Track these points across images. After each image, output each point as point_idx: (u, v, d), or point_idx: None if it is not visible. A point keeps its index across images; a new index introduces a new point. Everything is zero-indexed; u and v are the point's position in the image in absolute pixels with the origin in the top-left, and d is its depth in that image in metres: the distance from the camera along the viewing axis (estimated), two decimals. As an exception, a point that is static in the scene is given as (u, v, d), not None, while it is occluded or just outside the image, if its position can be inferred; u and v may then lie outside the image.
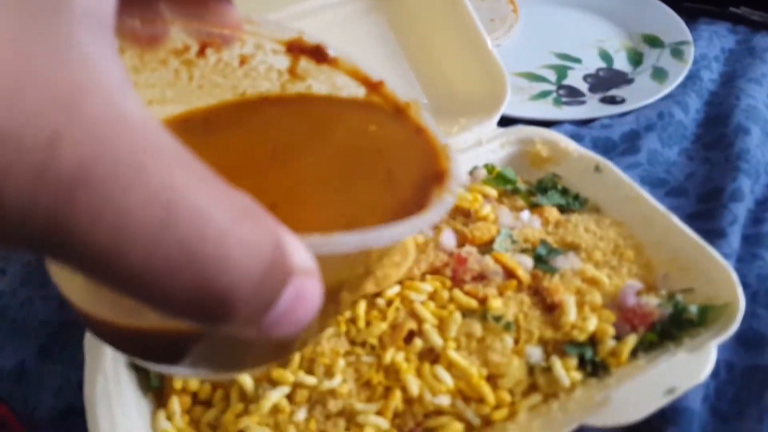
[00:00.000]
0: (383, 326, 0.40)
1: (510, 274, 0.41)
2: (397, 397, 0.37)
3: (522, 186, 0.49)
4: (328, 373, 0.39)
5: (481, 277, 0.42)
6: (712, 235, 0.46)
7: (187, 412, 0.40)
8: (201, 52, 0.27)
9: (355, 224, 0.20)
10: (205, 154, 0.15)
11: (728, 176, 0.50)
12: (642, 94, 0.62)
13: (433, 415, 0.38)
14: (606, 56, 0.70)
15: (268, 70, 0.29)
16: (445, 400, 0.37)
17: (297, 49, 0.29)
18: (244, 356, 0.24)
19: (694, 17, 0.73)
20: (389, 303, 0.41)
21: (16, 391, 0.47)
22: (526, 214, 0.45)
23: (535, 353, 0.38)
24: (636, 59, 0.69)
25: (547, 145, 0.50)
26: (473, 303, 0.40)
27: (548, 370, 0.38)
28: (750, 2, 0.72)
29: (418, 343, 0.39)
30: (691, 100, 0.60)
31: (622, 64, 0.69)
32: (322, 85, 0.29)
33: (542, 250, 0.42)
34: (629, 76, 0.67)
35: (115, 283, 0.14)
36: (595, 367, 0.38)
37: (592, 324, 0.38)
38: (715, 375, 0.40)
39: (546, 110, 0.62)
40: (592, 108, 0.61)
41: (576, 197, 0.47)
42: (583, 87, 0.66)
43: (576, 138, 0.53)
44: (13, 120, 0.12)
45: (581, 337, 0.38)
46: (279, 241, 0.15)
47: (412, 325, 0.40)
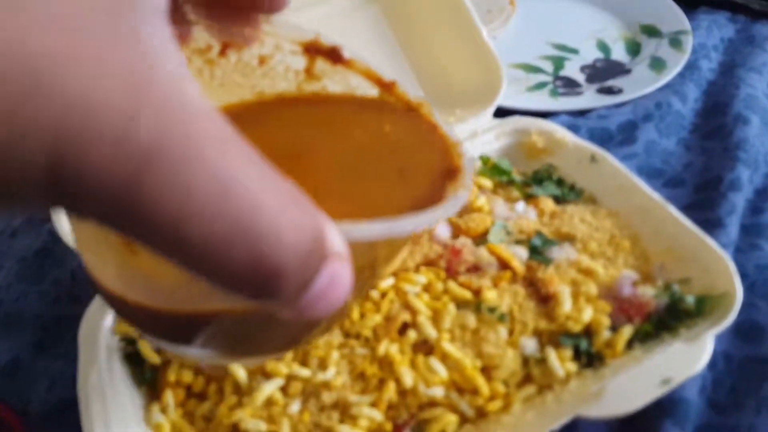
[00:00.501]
0: (377, 318, 0.40)
1: (504, 265, 0.41)
2: (390, 388, 0.37)
3: (517, 177, 0.48)
4: (322, 365, 0.38)
5: (475, 269, 0.41)
6: (710, 225, 0.45)
7: (181, 405, 0.40)
8: (222, 52, 0.28)
9: (374, 217, 0.21)
10: None
11: (727, 166, 0.50)
12: (639, 84, 0.61)
13: (427, 406, 0.38)
14: (603, 47, 0.70)
15: (286, 70, 0.30)
16: (439, 391, 0.37)
17: (314, 50, 0.30)
18: (269, 341, 0.25)
19: (693, 6, 0.72)
20: (383, 295, 0.41)
21: (10, 385, 0.47)
22: (521, 205, 0.45)
23: (530, 344, 0.38)
24: (634, 49, 0.69)
25: (543, 136, 0.50)
26: (467, 294, 0.40)
27: (543, 361, 0.37)
28: (749, -9, 0.71)
29: (412, 334, 0.39)
30: (689, 89, 0.60)
31: (619, 54, 0.68)
32: (336, 85, 0.31)
33: (537, 241, 0.42)
34: (627, 67, 0.66)
35: (176, 254, 0.15)
36: (590, 359, 0.37)
37: (588, 315, 0.38)
38: (713, 366, 0.39)
39: (542, 101, 0.61)
40: (589, 99, 0.61)
41: (572, 188, 0.47)
42: (580, 78, 0.65)
43: (572, 129, 0.52)
44: (97, 98, 0.13)
45: (576, 328, 0.38)
46: (319, 225, 0.16)
47: (406, 317, 0.40)
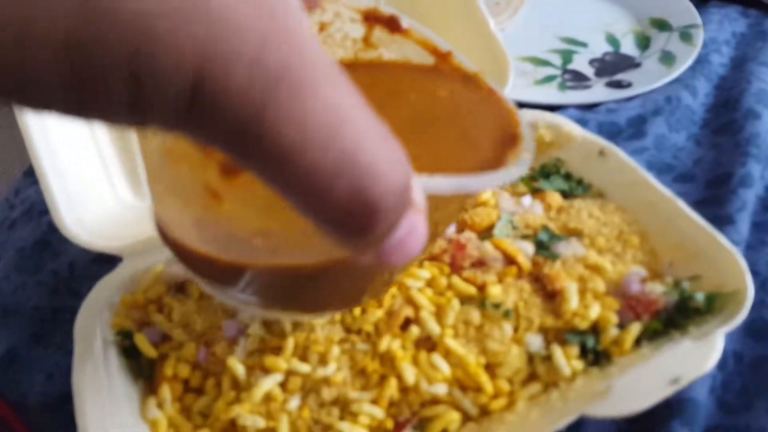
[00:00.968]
0: (379, 313, 0.39)
1: (510, 260, 0.40)
2: (392, 385, 0.36)
3: (524, 171, 0.47)
4: (322, 361, 0.38)
5: (480, 264, 0.40)
6: (720, 221, 0.44)
7: (178, 400, 0.39)
8: None
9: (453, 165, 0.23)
10: None
11: (737, 162, 0.49)
12: (649, 78, 0.60)
13: (429, 404, 0.37)
14: (613, 40, 0.68)
15: (344, 38, 0.30)
16: (441, 388, 0.36)
17: (373, 18, 0.30)
18: (329, 296, 0.26)
19: (704, 0, 0.71)
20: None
21: (7, 377, 0.46)
22: (527, 200, 0.44)
23: (535, 341, 0.37)
24: (644, 43, 0.67)
25: (551, 129, 0.49)
26: (472, 290, 0.39)
27: (548, 358, 0.36)
28: (762, -15, 0.70)
29: (414, 330, 0.38)
30: (699, 84, 0.59)
31: (629, 48, 0.67)
32: (392, 54, 0.31)
33: (543, 236, 0.41)
34: (636, 60, 0.65)
35: (285, 182, 0.15)
36: (597, 356, 0.36)
37: (595, 312, 0.37)
38: (723, 366, 0.39)
39: (551, 95, 0.60)
40: (598, 92, 0.60)
41: (579, 182, 0.46)
42: (589, 71, 0.64)
43: (581, 123, 0.51)
44: (236, 20, 0.14)
45: (583, 325, 0.37)
46: (409, 170, 0.17)
47: (408, 312, 0.39)
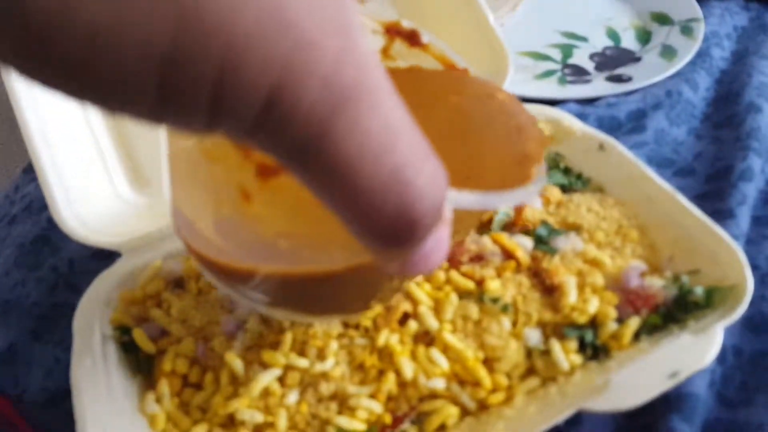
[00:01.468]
0: (377, 308, 0.39)
1: (509, 255, 0.40)
2: (390, 380, 0.36)
3: (523, 165, 0.47)
4: (321, 356, 0.38)
5: (478, 258, 0.40)
6: (721, 215, 0.44)
7: (176, 395, 0.39)
8: None
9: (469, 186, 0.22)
10: None
11: (738, 155, 0.49)
12: (649, 72, 0.60)
13: (427, 398, 0.37)
14: (613, 34, 0.68)
15: None
16: (440, 383, 0.36)
17: (394, 31, 0.31)
18: (339, 301, 0.27)
19: (705, -6, 0.71)
20: (384, 284, 0.40)
21: (7, 372, 0.46)
22: (526, 194, 0.44)
23: (534, 336, 0.37)
24: (644, 37, 0.67)
25: (551, 124, 0.49)
26: (470, 284, 0.39)
27: (547, 353, 0.36)
28: (763, -21, 0.69)
29: (412, 325, 0.38)
30: (700, 78, 0.58)
31: (629, 42, 0.67)
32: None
33: (543, 231, 0.41)
34: (637, 55, 0.65)
35: (338, 196, 0.16)
36: (595, 351, 0.36)
37: (594, 306, 0.37)
38: (722, 360, 0.38)
39: (550, 89, 0.60)
40: (598, 86, 0.60)
41: (579, 177, 0.46)
42: (589, 66, 0.64)
43: (581, 117, 0.51)
44: (316, 36, 0.14)
45: (582, 319, 0.37)
46: (446, 186, 0.17)
47: (406, 307, 0.39)
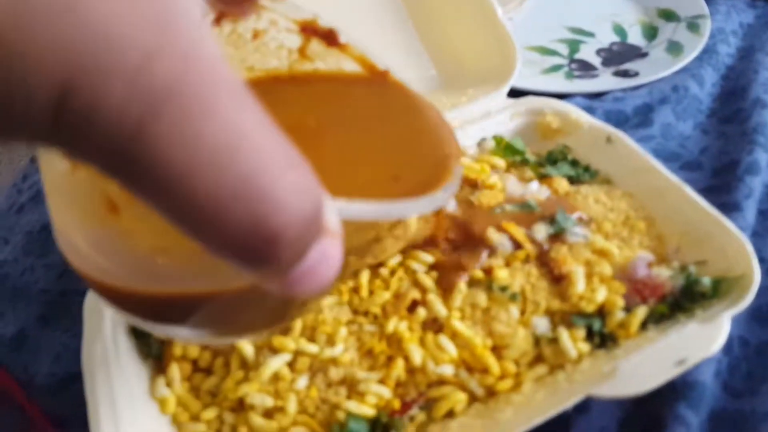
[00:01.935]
0: (386, 295, 0.39)
1: (517, 245, 0.40)
2: (399, 366, 0.37)
3: (531, 157, 0.47)
4: (330, 342, 0.38)
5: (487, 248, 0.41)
6: (727, 208, 0.44)
7: (186, 380, 0.39)
8: (217, 21, 0.27)
9: (378, 195, 0.21)
10: None
11: (744, 150, 0.49)
12: (656, 67, 0.60)
13: (435, 385, 0.37)
14: (620, 30, 0.68)
15: (279, 47, 0.29)
16: (448, 369, 0.37)
17: (310, 30, 0.29)
18: (249, 319, 0.24)
19: (712, -9, 0.71)
20: (392, 272, 0.40)
21: (16, 358, 0.46)
22: (534, 185, 0.44)
23: (542, 324, 0.37)
24: (651, 33, 0.67)
25: (558, 116, 0.49)
26: (479, 273, 0.39)
27: (555, 341, 0.37)
28: (770, -24, 0.70)
29: (421, 312, 0.38)
30: (707, 73, 0.59)
31: (636, 38, 0.67)
32: (328, 68, 0.30)
33: (561, 217, 0.41)
34: (643, 50, 0.65)
35: (175, 209, 0.14)
36: (603, 339, 0.37)
37: (601, 295, 0.37)
38: (728, 350, 0.39)
39: (557, 84, 0.60)
40: (605, 81, 0.60)
41: (586, 169, 0.46)
42: (596, 61, 0.64)
43: (588, 111, 0.51)
44: (119, 31, 0.13)
45: (589, 308, 0.37)
46: (320, 196, 0.16)
47: (415, 294, 0.39)
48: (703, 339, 0.33)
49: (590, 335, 0.37)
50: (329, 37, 0.29)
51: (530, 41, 0.67)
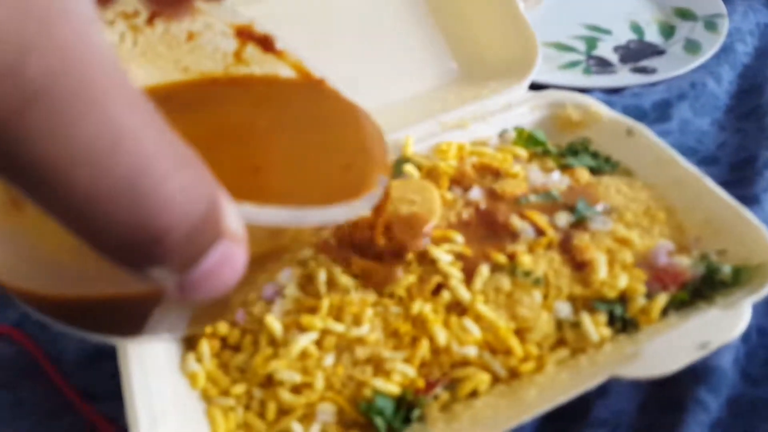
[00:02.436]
0: (411, 278, 0.40)
1: (540, 232, 0.41)
2: (424, 346, 0.37)
3: (552, 148, 0.48)
4: (356, 321, 0.39)
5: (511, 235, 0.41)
6: (746, 201, 0.45)
7: (216, 356, 0.40)
8: (150, 21, 0.27)
9: (309, 201, 0.21)
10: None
11: (762, 145, 0.50)
12: (674, 64, 0.61)
13: (459, 365, 0.38)
14: (637, 28, 0.69)
15: (215, 50, 0.29)
16: (472, 351, 0.37)
17: (246, 34, 0.29)
18: (160, 322, 0.23)
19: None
20: (417, 256, 0.41)
21: (45, 334, 0.47)
22: (556, 175, 0.45)
23: (564, 309, 0.38)
24: (668, 32, 0.68)
25: (578, 109, 0.50)
26: (502, 258, 0.40)
27: (577, 325, 0.38)
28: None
29: (445, 295, 0.39)
30: (724, 71, 0.60)
31: (653, 36, 0.68)
32: (264, 72, 0.30)
33: (581, 205, 0.42)
34: (661, 48, 0.66)
35: (57, 207, 0.14)
36: (624, 324, 0.37)
37: (623, 281, 0.38)
38: (746, 339, 0.40)
39: (575, 79, 0.61)
40: (623, 77, 0.61)
41: (607, 160, 0.47)
42: (613, 58, 0.65)
43: (606, 106, 0.52)
44: None
45: (611, 294, 0.38)
46: (216, 198, 0.16)
47: (439, 278, 0.40)
48: (725, 323, 0.34)
49: (612, 320, 0.38)
50: (265, 43, 0.29)
51: (547, 37, 0.67)
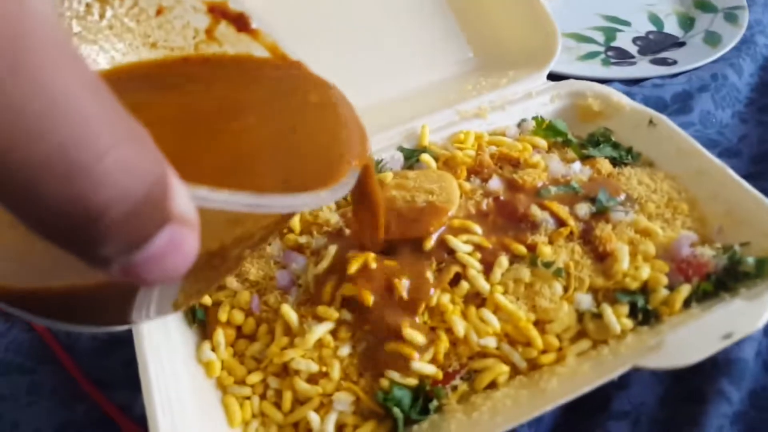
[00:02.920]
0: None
1: (561, 222, 0.41)
2: (443, 339, 0.37)
3: (573, 138, 0.48)
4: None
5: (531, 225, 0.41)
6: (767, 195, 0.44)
7: (230, 345, 0.40)
8: None
9: (273, 186, 0.20)
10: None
11: (785, 137, 0.49)
12: (694, 56, 0.60)
13: (478, 356, 0.37)
14: (656, 20, 0.68)
15: (185, 26, 0.28)
16: (491, 342, 0.37)
17: (219, 12, 0.28)
18: (133, 309, 0.22)
19: (749, -17, 0.71)
20: (435, 245, 0.40)
21: (60, 322, 0.47)
22: (577, 165, 0.44)
23: (585, 300, 0.38)
24: (687, 23, 0.67)
25: (600, 99, 0.49)
26: (522, 249, 0.39)
27: (598, 316, 0.37)
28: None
29: (464, 285, 0.39)
30: (745, 63, 0.59)
31: (672, 28, 0.67)
32: (238, 52, 0.29)
33: (602, 196, 0.41)
34: (680, 40, 0.65)
35: None
36: (646, 316, 0.37)
37: (645, 273, 0.37)
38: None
39: (595, 70, 0.60)
40: (643, 68, 0.60)
41: (629, 151, 0.46)
42: (633, 49, 0.64)
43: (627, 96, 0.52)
44: None
45: (633, 285, 0.37)
46: (163, 177, 0.15)
47: (457, 268, 0.39)
48: (749, 314, 0.33)
49: (633, 312, 0.37)
50: (240, 21, 0.28)
51: (565, 28, 0.67)
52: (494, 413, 0.33)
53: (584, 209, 0.40)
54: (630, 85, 0.57)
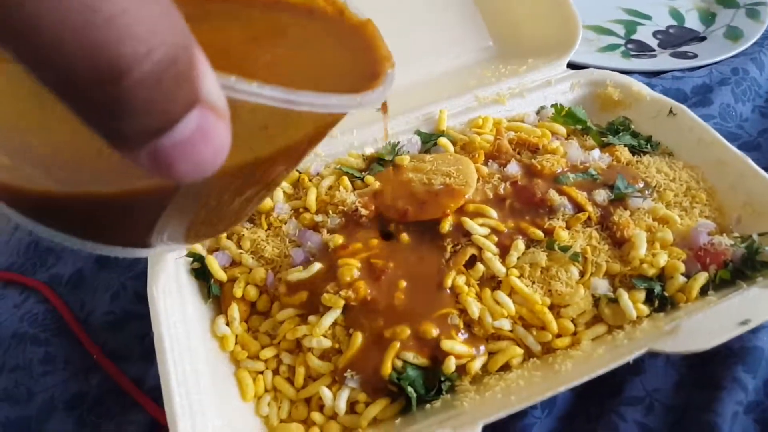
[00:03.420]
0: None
1: (579, 207, 0.41)
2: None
3: (592, 126, 0.47)
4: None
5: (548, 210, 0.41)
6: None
7: (244, 321, 0.40)
8: None
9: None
10: None
11: (806, 131, 0.49)
12: (715, 50, 0.60)
13: (492, 339, 0.37)
14: (677, 15, 0.68)
15: None
16: (506, 324, 0.37)
17: None
18: (154, 224, 0.22)
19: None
20: (452, 227, 0.40)
21: (74, 296, 0.48)
22: (596, 152, 0.44)
23: (602, 285, 0.37)
24: (708, 18, 0.67)
25: (620, 88, 0.49)
26: (538, 233, 0.39)
27: (614, 302, 0.37)
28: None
29: (480, 268, 0.39)
30: (766, 58, 0.58)
31: (693, 22, 0.67)
32: None
33: (620, 184, 0.41)
34: (701, 34, 0.64)
35: (15, 39, 0.13)
36: (662, 303, 0.37)
37: (662, 260, 0.37)
38: (783, 323, 0.39)
39: (614, 62, 0.60)
40: (663, 61, 0.60)
41: (648, 140, 0.46)
42: (653, 42, 0.64)
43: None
44: None
45: (650, 271, 0.37)
46: (189, 49, 0.14)
47: (473, 250, 0.39)
48: (766, 302, 0.33)
49: (650, 298, 0.37)
50: None
51: (586, 20, 0.66)
52: (507, 393, 0.33)
53: (602, 195, 0.40)
54: (650, 77, 0.57)
